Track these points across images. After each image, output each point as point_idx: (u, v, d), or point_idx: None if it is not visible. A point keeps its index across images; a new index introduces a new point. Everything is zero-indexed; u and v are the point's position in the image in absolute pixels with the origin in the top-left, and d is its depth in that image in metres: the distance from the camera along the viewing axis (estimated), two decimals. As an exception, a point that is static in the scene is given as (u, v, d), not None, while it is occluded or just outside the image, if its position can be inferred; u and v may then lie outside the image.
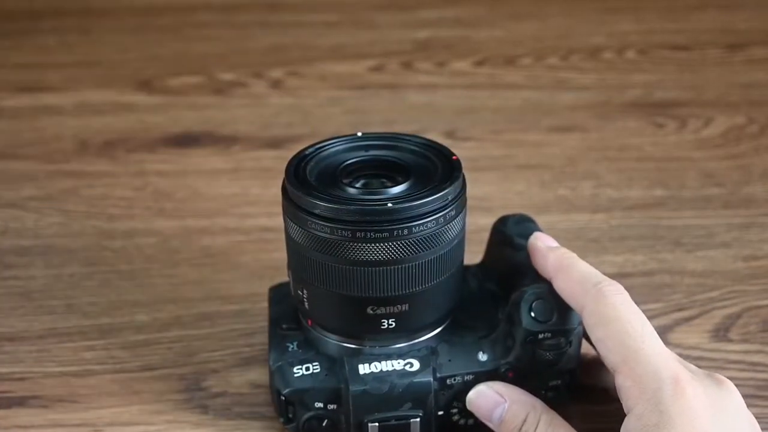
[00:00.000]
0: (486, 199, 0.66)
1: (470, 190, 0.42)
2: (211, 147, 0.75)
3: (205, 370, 0.50)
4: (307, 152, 0.42)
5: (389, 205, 0.38)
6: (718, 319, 0.54)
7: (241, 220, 0.64)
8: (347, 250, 0.38)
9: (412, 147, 0.43)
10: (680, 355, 0.52)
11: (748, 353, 0.51)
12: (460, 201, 0.40)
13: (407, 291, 0.40)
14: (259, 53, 0.92)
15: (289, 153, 0.43)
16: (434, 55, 0.91)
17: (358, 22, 0.99)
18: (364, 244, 0.38)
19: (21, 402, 0.49)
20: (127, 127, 0.78)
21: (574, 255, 0.42)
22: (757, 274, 0.58)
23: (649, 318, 0.54)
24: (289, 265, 0.43)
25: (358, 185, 0.41)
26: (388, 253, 0.38)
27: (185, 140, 0.76)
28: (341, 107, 0.81)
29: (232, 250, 0.61)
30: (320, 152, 0.42)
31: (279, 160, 0.72)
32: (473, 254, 0.61)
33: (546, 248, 0.43)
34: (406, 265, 0.39)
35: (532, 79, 0.86)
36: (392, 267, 0.39)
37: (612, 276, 0.58)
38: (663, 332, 0.53)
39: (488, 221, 0.50)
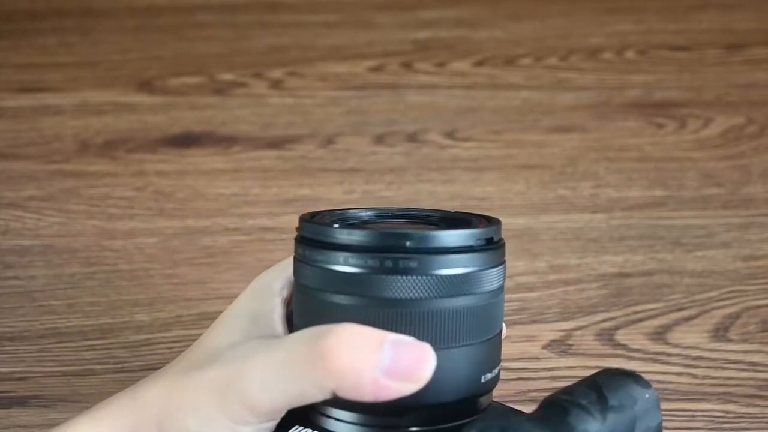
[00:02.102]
0: (486, 199, 0.66)
1: (470, 190, 0.42)
2: (211, 147, 0.75)
3: (205, 369, 0.50)
4: (321, 211, 0.39)
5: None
6: (718, 319, 0.54)
7: (241, 220, 0.65)
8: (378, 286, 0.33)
9: (436, 213, 0.39)
10: (680, 355, 0.52)
11: (748, 353, 0.52)
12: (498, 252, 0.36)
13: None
14: (259, 53, 0.92)
15: (289, 153, 0.43)
16: (434, 55, 0.91)
17: (358, 22, 0.99)
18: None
19: (22, 402, 0.49)
20: (127, 127, 0.78)
21: None
22: (757, 274, 0.58)
23: (649, 318, 0.55)
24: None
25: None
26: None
27: (185, 140, 0.76)
28: (341, 107, 0.81)
29: (232, 250, 0.61)
30: (336, 212, 0.39)
31: (279, 160, 0.72)
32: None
33: None
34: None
35: (531, 79, 0.86)
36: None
37: (612, 276, 0.59)
38: (663, 332, 0.53)
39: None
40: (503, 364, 0.51)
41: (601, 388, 0.33)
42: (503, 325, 0.39)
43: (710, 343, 0.52)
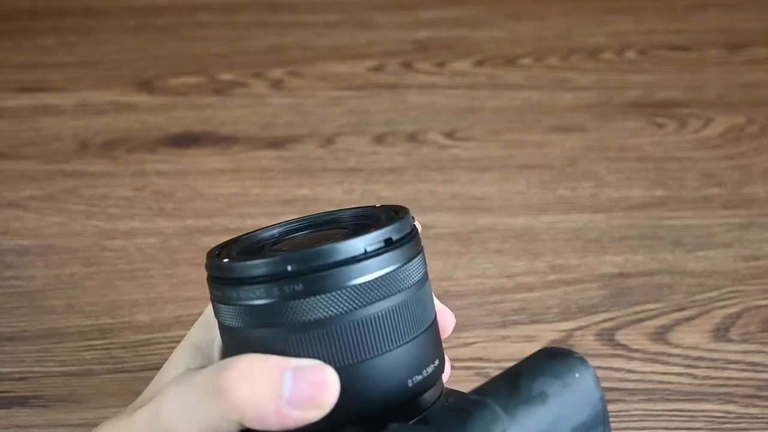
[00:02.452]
0: (486, 199, 0.66)
1: (470, 190, 0.42)
2: (211, 147, 0.75)
3: (205, 370, 0.50)
4: (231, 240, 0.37)
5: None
6: (718, 319, 0.54)
7: (241, 220, 0.65)
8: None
9: (352, 212, 0.37)
10: (680, 355, 0.52)
11: (748, 353, 0.52)
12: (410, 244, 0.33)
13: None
14: (259, 53, 0.92)
15: (289, 153, 0.43)
16: (434, 55, 0.91)
17: (358, 22, 0.99)
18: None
19: (21, 402, 0.49)
20: (127, 127, 0.78)
21: None
22: (757, 274, 0.58)
23: (650, 318, 0.55)
24: None
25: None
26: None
27: (185, 140, 0.76)
28: (341, 107, 0.81)
29: (233, 250, 0.61)
30: (244, 236, 0.37)
31: (279, 160, 0.72)
32: (474, 254, 0.62)
33: None
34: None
35: (532, 79, 0.86)
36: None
37: (612, 276, 0.58)
38: (663, 332, 0.53)
39: (488, 221, 0.50)
40: (504, 364, 0.51)
41: (520, 377, 0.30)
42: (449, 318, 0.39)
43: (711, 343, 0.52)
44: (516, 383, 0.30)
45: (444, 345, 0.37)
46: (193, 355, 0.36)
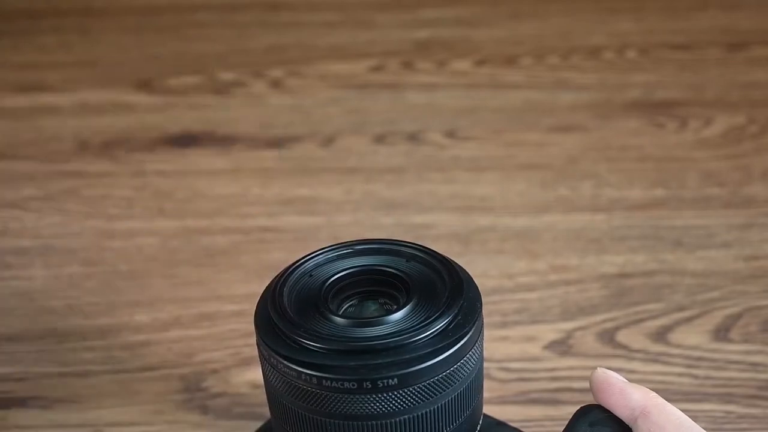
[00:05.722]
0: (486, 199, 0.66)
1: (470, 190, 0.42)
2: (211, 147, 0.74)
3: (204, 370, 0.50)
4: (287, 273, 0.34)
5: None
6: (719, 320, 0.54)
7: (241, 220, 0.64)
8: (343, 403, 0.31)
9: (411, 251, 0.35)
10: (681, 355, 0.52)
11: (749, 353, 0.51)
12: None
13: None
14: (259, 53, 0.92)
15: (289, 153, 0.42)
16: (434, 55, 0.91)
17: (358, 22, 0.98)
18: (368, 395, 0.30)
19: (21, 402, 0.49)
20: (127, 127, 0.78)
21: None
22: (758, 275, 0.58)
23: (651, 318, 0.55)
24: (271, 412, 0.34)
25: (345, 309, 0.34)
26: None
27: (185, 140, 0.75)
28: (341, 107, 0.81)
29: (232, 250, 0.61)
30: (300, 267, 0.34)
31: (279, 160, 0.72)
32: (474, 254, 0.62)
33: (625, 384, 0.35)
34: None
35: (532, 79, 0.86)
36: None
37: (613, 276, 0.58)
38: (663, 332, 0.53)
39: (488, 221, 0.50)
40: (504, 364, 0.51)
41: None
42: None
43: (711, 343, 0.52)
44: None
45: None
46: None
